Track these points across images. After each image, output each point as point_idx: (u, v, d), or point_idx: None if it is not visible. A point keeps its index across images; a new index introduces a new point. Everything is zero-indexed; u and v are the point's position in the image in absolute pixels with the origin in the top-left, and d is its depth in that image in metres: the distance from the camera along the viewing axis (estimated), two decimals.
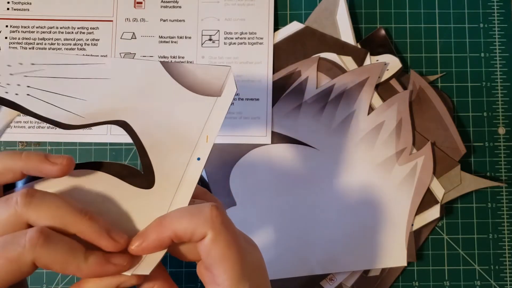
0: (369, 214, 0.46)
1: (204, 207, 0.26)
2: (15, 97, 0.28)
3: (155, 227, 0.27)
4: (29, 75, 0.29)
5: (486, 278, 0.47)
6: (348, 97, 0.47)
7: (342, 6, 0.48)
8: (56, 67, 0.29)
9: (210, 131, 0.28)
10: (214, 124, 0.28)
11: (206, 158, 0.28)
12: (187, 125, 0.28)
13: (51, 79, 0.29)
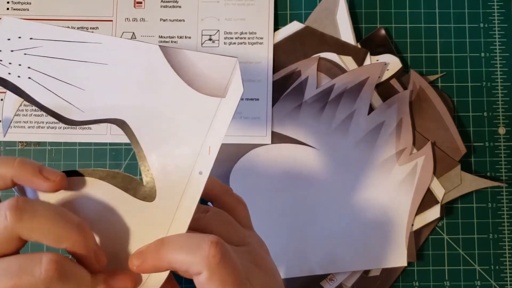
0: (369, 214, 0.46)
1: (204, 243, 0.25)
2: (17, 80, 0.27)
3: (153, 253, 0.26)
4: (29, 52, 0.27)
5: (486, 278, 0.47)
6: (348, 97, 0.47)
7: (342, 6, 0.48)
8: (54, 44, 0.27)
9: (213, 141, 0.26)
10: (217, 133, 0.26)
11: (208, 171, 0.26)
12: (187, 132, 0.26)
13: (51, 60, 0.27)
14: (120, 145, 0.47)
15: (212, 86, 0.26)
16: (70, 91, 0.27)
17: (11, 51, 0.27)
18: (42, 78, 0.27)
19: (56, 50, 0.27)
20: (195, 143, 0.26)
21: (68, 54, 0.27)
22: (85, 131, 0.47)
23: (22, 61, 0.27)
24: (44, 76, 0.27)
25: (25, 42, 0.27)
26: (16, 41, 0.27)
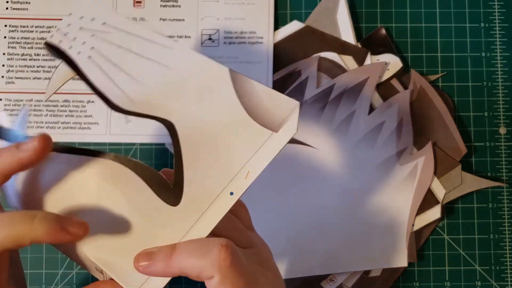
0: (370, 214, 0.46)
1: (214, 247, 0.25)
2: (76, 56, 0.28)
3: (164, 258, 0.25)
4: (97, 34, 0.28)
5: (486, 279, 0.47)
6: (349, 97, 0.47)
7: (342, 5, 0.48)
8: (124, 35, 0.28)
9: (253, 168, 0.26)
10: (259, 162, 0.26)
11: (240, 195, 0.25)
12: (231, 152, 0.26)
13: (116, 47, 0.28)
14: (119, 145, 0.47)
15: (268, 119, 0.26)
16: (126, 80, 0.27)
17: (80, 28, 0.28)
18: (102, 61, 0.28)
19: (124, 41, 0.28)
20: (235, 165, 0.26)
21: (135, 48, 0.28)
22: (84, 131, 0.47)
23: (87, 41, 0.28)
24: (105, 60, 0.28)
25: (96, 25, 0.28)
26: (88, 21, 0.28)
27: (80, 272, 0.46)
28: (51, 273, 0.46)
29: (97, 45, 0.28)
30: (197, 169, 0.26)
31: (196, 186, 0.26)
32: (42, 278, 0.46)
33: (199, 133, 0.26)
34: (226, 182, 0.26)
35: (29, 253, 0.46)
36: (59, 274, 0.46)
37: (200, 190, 0.26)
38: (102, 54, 0.28)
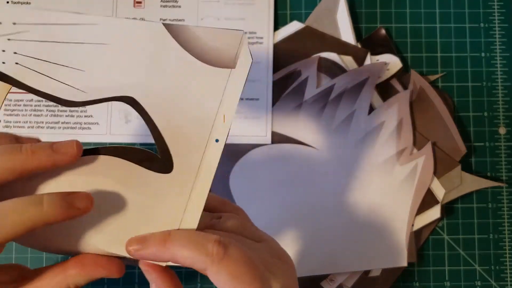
0: (369, 214, 0.46)
1: (208, 242, 0.25)
2: (2, 66, 0.25)
3: (158, 244, 0.26)
4: (13, 38, 0.25)
5: (486, 279, 0.47)
6: (348, 97, 0.47)
7: (342, 5, 0.48)
8: (43, 28, 0.25)
9: (227, 109, 0.26)
10: (230, 101, 0.26)
11: (225, 139, 0.26)
12: (201, 103, 0.26)
13: (40, 44, 0.26)
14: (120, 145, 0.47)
15: (220, 59, 0.26)
16: (67, 73, 0.26)
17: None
18: (32, 62, 0.26)
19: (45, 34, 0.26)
20: (209, 113, 0.26)
21: (61, 37, 0.26)
22: (84, 131, 0.47)
23: (6, 47, 0.25)
24: (35, 60, 0.26)
25: (6, 28, 0.25)
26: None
27: None
28: None
29: (18, 48, 0.26)
30: (176, 132, 0.26)
31: (181, 147, 0.26)
32: None
33: (162, 98, 0.26)
34: (208, 132, 0.26)
35: (29, 253, 0.46)
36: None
37: (186, 149, 0.26)
38: (29, 56, 0.26)
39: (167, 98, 0.26)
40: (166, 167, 0.26)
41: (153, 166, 0.26)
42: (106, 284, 0.46)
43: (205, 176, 0.26)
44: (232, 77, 0.26)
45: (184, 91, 0.26)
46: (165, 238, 0.26)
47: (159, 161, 0.26)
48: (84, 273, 0.26)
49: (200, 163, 0.26)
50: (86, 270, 0.26)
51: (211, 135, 0.26)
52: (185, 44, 0.26)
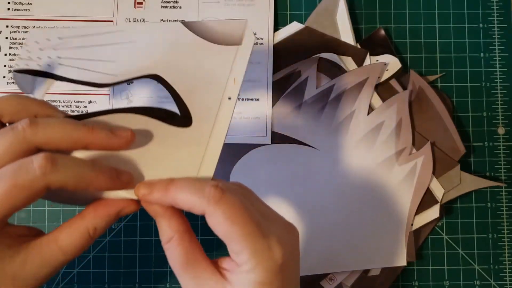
0: (369, 213, 0.46)
1: (206, 186, 0.27)
2: (48, 68, 0.30)
3: (161, 189, 0.27)
4: (58, 47, 0.31)
5: (485, 278, 0.47)
6: (348, 97, 0.47)
7: (342, 6, 0.48)
8: (82, 37, 0.31)
9: (237, 74, 0.31)
10: (239, 68, 0.31)
11: (236, 97, 0.30)
12: (214, 72, 0.31)
13: (80, 49, 0.31)
14: None
15: (229, 39, 0.31)
16: (101, 65, 0.31)
17: (39, 49, 0.31)
18: (73, 61, 0.31)
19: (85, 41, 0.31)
20: (222, 77, 0.31)
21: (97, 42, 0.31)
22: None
23: (51, 55, 0.31)
24: (75, 59, 0.31)
25: (53, 41, 0.31)
26: (44, 42, 0.31)
27: (81, 272, 0.46)
28: None
29: (62, 54, 0.31)
30: (193, 95, 0.30)
31: (199, 106, 0.30)
32: None
33: (181, 72, 0.31)
34: (221, 92, 0.30)
35: None
36: (60, 273, 0.46)
37: (203, 107, 0.30)
38: (70, 58, 0.31)
39: (185, 71, 0.31)
40: (186, 122, 0.30)
41: (173, 122, 0.30)
42: (107, 283, 0.46)
43: (220, 128, 0.30)
44: (239, 51, 0.31)
45: (199, 64, 0.31)
46: (168, 183, 0.27)
47: (179, 118, 0.30)
48: (101, 213, 0.28)
49: (215, 118, 0.30)
50: (103, 209, 0.28)
51: (224, 94, 0.30)
52: (199, 33, 0.31)
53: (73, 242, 0.27)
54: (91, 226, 0.27)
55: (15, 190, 0.24)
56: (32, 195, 0.25)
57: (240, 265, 0.27)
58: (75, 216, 0.28)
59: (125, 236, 0.47)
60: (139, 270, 0.46)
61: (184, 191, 0.27)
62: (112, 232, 0.47)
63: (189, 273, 0.28)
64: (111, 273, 0.46)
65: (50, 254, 0.27)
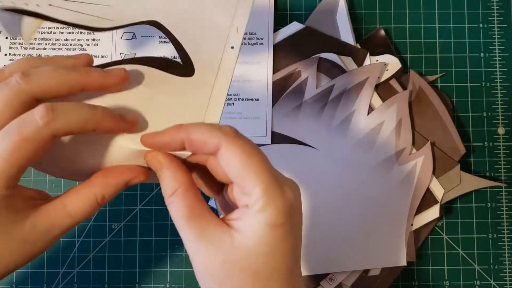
0: (369, 213, 0.46)
1: (223, 126, 0.27)
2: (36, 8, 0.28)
3: (174, 128, 0.27)
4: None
5: (485, 278, 0.47)
6: (348, 97, 0.47)
7: (342, 6, 0.48)
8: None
9: (239, 23, 0.30)
10: (241, 17, 0.30)
11: (239, 46, 0.30)
12: (216, 21, 0.30)
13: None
14: None
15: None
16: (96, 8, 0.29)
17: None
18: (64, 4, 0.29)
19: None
20: (224, 26, 0.30)
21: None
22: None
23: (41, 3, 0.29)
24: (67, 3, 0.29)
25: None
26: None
27: (81, 272, 0.46)
28: (52, 272, 0.46)
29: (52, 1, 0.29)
30: (195, 44, 0.30)
31: (201, 55, 0.29)
32: (43, 277, 0.46)
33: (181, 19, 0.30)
34: (224, 41, 0.30)
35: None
36: (60, 273, 0.46)
37: (206, 56, 0.29)
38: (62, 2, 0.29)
39: (185, 18, 0.30)
40: (188, 72, 0.29)
41: (176, 72, 0.29)
42: (107, 283, 0.46)
43: (224, 77, 0.29)
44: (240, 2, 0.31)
45: (200, 13, 0.30)
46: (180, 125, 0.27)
47: (181, 67, 0.29)
48: (111, 182, 0.28)
49: (218, 66, 0.29)
50: (112, 178, 0.28)
51: (227, 43, 0.30)
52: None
53: (81, 207, 0.27)
54: (100, 194, 0.27)
55: (22, 144, 0.24)
56: (39, 146, 0.25)
57: (251, 205, 0.26)
58: (83, 182, 0.28)
59: (125, 236, 0.47)
60: (139, 270, 0.46)
61: (199, 127, 0.26)
62: (112, 232, 0.47)
63: (194, 226, 0.27)
64: (111, 273, 0.46)
65: (59, 218, 0.27)
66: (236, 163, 0.26)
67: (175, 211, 0.27)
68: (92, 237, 0.47)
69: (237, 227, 0.27)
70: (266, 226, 0.26)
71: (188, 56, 0.29)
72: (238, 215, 0.27)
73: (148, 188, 0.47)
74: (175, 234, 0.47)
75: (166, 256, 0.47)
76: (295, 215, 0.28)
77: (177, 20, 0.30)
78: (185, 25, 0.30)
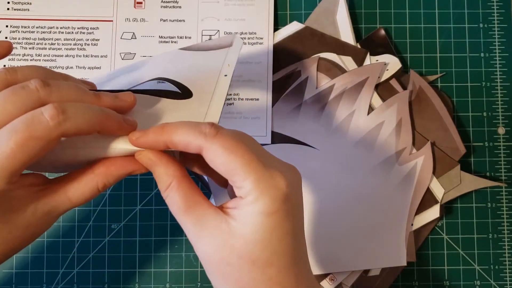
0: (369, 214, 0.46)
1: (202, 124, 0.27)
2: None
3: (157, 129, 0.28)
4: None
5: (486, 278, 0.47)
6: (348, 97, 0.47)
7: (342, 6, 0.48)
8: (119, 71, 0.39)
9: (230, 60, 0.35)
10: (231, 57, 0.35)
11: (231, 74, 0.33)
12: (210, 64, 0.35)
13: None
14: None
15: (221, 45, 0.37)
16: None
17: None
18: None
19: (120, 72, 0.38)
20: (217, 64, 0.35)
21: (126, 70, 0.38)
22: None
23: None
24: None
25: None
26: None
27: (81, 272, 0.46)
28: (52, 272, 0.46)
29: None
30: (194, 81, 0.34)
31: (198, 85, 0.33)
32: (43, 277, 0.46)
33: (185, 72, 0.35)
34: (217, 73, 0.34)
35: (29, 253, 0.46)
36: (60, 273, 0.46)
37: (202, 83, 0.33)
38: None
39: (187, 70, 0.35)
40: (186, 96, 0.32)
41: (176, 97, 0.32)
42: (107, 284, 0.46)
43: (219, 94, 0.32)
44: (230, 49, 0.36)
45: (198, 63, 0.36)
46: (163, 125, 0.28)
47: (180, 94, 0.33)
48: (112, 170, 0.28)
49: (214, 88, 0.33)
50: (114, 166, 0.29)
51: (221, 73, 0.34)
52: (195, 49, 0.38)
53: (82, 193, 0.28)
54: (101, 182, 0.28)
55: (31, 142, 0.24)
56: (47, 145, 0.25)
57: (245, 197, 0.27)
58: (85, 168, 0.29)
59: (125, 236, 0.47)
60: (138, 270, 0.46)
61: (179, 128, 0.27)
62: (112, 232, 0.47)
63: (191, 215, 0.27)
64: (111, 273, 0.46)
65: (60, 203, 0.28)
66: (220, 162, 0.27)
67: (172, 204, 0.28)
68: (92, 237, 0.46)
69: (233, 215, 0.27)
70: (260, 214, 0.26)
71: (186, 87, 0.33)
72: (234, 204, 0.28)
73: (148, 188, 0.47)
74: (175, 234, 0.47)
75: (166, 256, 0.47)
76: (290, 200, 0.28)
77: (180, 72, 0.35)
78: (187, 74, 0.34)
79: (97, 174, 0.28)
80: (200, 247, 0.28)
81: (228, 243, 0.27)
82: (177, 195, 0.28)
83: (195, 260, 0.47)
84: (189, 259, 0.47)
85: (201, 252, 0.28)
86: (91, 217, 0.47)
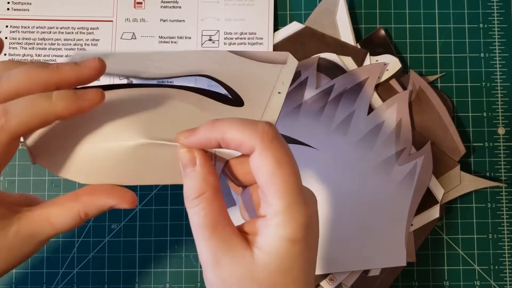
0: (369, 214, 0.46)
1: (259, 123, 0.26)
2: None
3: (207, 126, 0.26)
4: None
5: (485, 278, 0.47)
6: (348, 97, 0.47)
7: (342, 6, 0.48)
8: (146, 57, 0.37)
9: (284, 79, 0.34)
10: (286, 76, 0.34)
11: (285, 94, 0.33)
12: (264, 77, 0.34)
13: None
14: None
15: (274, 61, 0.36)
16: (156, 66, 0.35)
17: None
18: None
19: None
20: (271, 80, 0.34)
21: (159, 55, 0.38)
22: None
23: None
24: None
25: None
26: None
27: (80, 272, 0.46)
28: (51, 272, 0.46)
29: None
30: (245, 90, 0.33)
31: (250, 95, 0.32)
32: (43, 277, 0.46)
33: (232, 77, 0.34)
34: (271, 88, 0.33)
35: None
36: (60, 273, 0.46)
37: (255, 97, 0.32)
38: None
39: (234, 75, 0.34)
40: (238, 104, 0.31)
41: (228, 103, 0.31)
42: (107, 284, 0.46)
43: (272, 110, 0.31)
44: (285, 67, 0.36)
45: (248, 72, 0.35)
46: (214, 121, 0.26)
47: (231, 100, 0.32)
48: (95, 200, 0.27)
49: (267, 103, 0.32)
50: (98, 197, 0.27)
51: (274, 90, 0.33)
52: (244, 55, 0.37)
53: (64, 221, 0.27)
54: (83, 211, 0.27)
55: None
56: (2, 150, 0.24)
57: (269, 217, 0.25)
58: (69, 194, 0.28)
59: (124, 237, 0.47)
60: (138, 270, 0.46)
61: (234, 125, 0.25)
62: (111, 232, 0.47)
63: (217, 236, 0.25)
64: (111, 273, 0.46)
65: (42, 227, 0.27)
66: (265, 170, 0.25)
67: (198, 216, 0.26)
68: (92, 237, 0.46)
69: (257, 243, 0.26)
70: (286, 241, 0.25)
71: (238, 95, 0.32)
72: (257, 228, 0.26)
73: (148, 188, 0.47)
74: (175, 234, 0.47)
75: (165, 256, 0.47)
76: (313, 228, 0.27)
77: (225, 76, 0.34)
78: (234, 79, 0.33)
79: (79, 201, 0.27)
80: (217, 272, 0.25)
81: (251, 274, 0.25)
82: (208, 209, 0.25)
83: (195, 260, 0.47)
84: (189, 259, 0.47)
85: (214, 277, 0.26)
86: None
